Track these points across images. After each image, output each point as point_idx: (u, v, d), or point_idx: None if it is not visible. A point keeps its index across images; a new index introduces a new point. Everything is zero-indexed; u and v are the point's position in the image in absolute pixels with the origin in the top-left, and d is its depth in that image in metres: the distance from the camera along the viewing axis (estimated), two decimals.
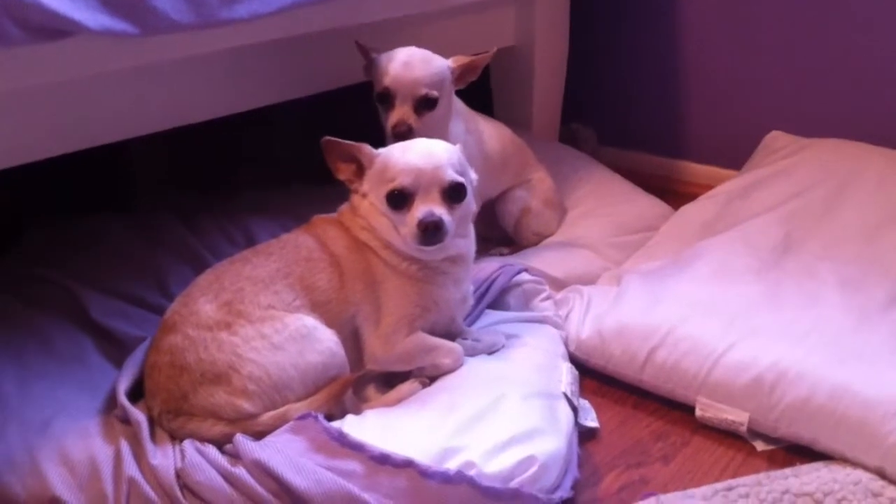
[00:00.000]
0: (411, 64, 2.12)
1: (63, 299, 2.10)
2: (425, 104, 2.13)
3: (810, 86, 2.89)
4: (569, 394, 1.83)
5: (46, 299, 2.10)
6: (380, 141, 2.14)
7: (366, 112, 2.23)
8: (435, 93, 2.13)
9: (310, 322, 1.72)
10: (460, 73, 2.21)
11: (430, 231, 1.73)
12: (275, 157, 3.02)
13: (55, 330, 1.99)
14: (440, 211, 1.74)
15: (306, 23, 2.15)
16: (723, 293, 2.13)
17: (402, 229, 1.77)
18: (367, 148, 1.84)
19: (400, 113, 2.11)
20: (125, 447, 1.61)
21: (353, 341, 1.81)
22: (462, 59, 2.21)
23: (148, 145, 2.08)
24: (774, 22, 2.90)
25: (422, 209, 1.74)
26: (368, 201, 1.84)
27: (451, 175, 1.77)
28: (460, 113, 2.32)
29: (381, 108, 2.16)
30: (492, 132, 2.48)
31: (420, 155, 1.78)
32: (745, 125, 3.02)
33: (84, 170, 1.96)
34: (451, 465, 1.53)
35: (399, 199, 1.76)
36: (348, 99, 2.36)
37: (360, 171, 1.86)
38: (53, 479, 1.55)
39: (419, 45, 2.21)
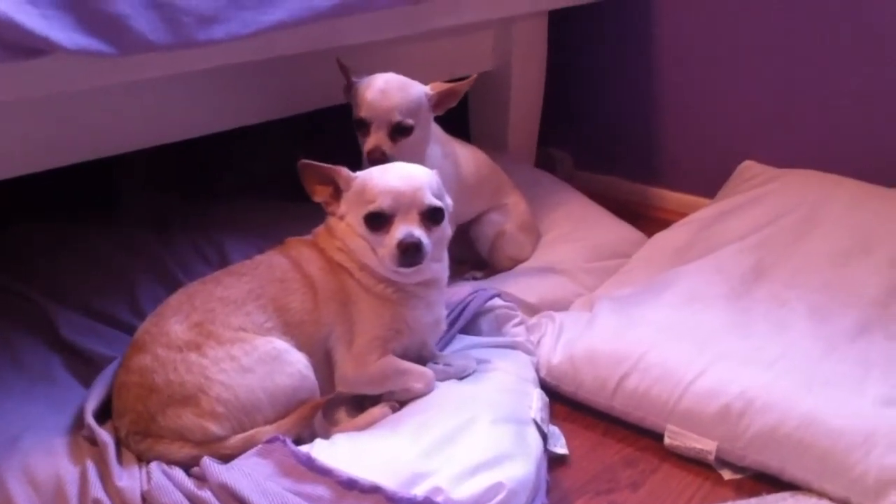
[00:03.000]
0: (387, 91, 2.13)
1: (33, 315, 2.09)
2: (400, 131, 2.14)
3: (784, 117, 2.93)
4: (538, 420, 1.83)
5: (16, 313, 2.09)
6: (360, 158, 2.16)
7: (348, 129, 2.23)
8: (410, 121, 2.14)
9: (280, 345, 1.72)
10: (438, 100, 2.22)
11: (410, 252, 1.73)
12: (256, 169, 3.02)
13: (24, 346, 1.98)
14: (419, 232, 1.75)
15: (285, 45, 2.16)
16: (693, 320, 2.14)
17: (380, 251, 1.78)
18: (344, 170, 1.85)
19: (375, 139, 2.13)
20: (91, 468, 1.59)
21: (325, 364, 1.81)
22: (441, 86, 2.22)
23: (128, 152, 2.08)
24: (751, 53, 2.94)
25: (402, 229, 1.74)
26: (345, 223, 1.84)
27: (430, 198, 1.78)
28: (437, 138, 2.33)
29: (359, 133, 2.17)
30: (467, 156, 2.49)
31: (399, 177, 1.79)
32: (719, 154, 3.05)
33: (62, 174, 1.96)
34: (420, 490, 1.53)
35: (378, 221, 1.77)
36: (331, 115, 2.36)
37: (338, 193, 1.86)
38: (18, 498, 1.54)
39: (398, 68, 2.22)
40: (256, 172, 3.01)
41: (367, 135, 2.15)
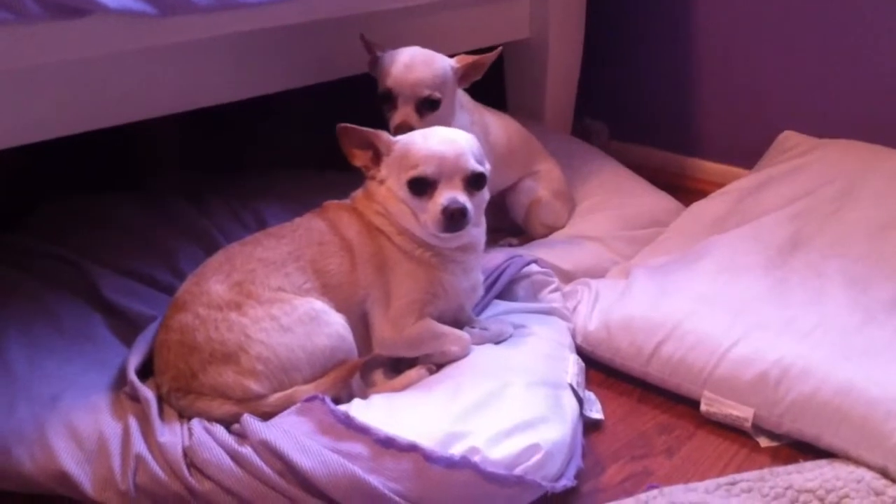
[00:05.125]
0: (413, 65, 2.12)
1: (74, 276, 2.12)
2: (428, 105, 2.13)
3: (823, 87, 2.89)
4: (575, 385, 1.84)
5: (57, 276, 2.12)
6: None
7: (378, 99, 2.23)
8: (437, 94, 2.14)
9: (319, 305, 1.74)
10: (464, 73, 2.21)
11: (455, 218, 1.74)
12: (286, 140, 3.03)
13: (66, 307, 2.01)
14: (463, 198, 1.75)
15: (321, 9, 2.16)
16: (730, 289, 2.13)
17: (422, 216, 1.78)
18: (384, 135, 1.85)
19: (402, 114, 2.12)
20: (133, 424, 1.62)
21: (362, 326, 1.83)
22: (466, 59, 2.21)
23: (158, 123, 2.09)
24: (790, 22, 2.90)
25: (446, 196, 1.75)
26: (386, 187, 1.85)
27: (473, 163, 1.78)
28: (465, 106, 2.32)
29: (384, 106, 2.17)
30: (497, 124, 2.48)
31: (442, 142, 1.79)
32: (757, 124, 3.02)
33: (93, 146, 1.97)
34: (456, 450, 1.54)
35: (421, 186, 1.77)
36: (360, 84, 2.36)
37: (377, 157, 1.87)
38: (62, 454, 1.56)
39: (434, 35, 2.22)
40: (286, 145, 3.02)
41: (393, 109, 2.14)
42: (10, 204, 2.50)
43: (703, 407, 1.90)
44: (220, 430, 1.60)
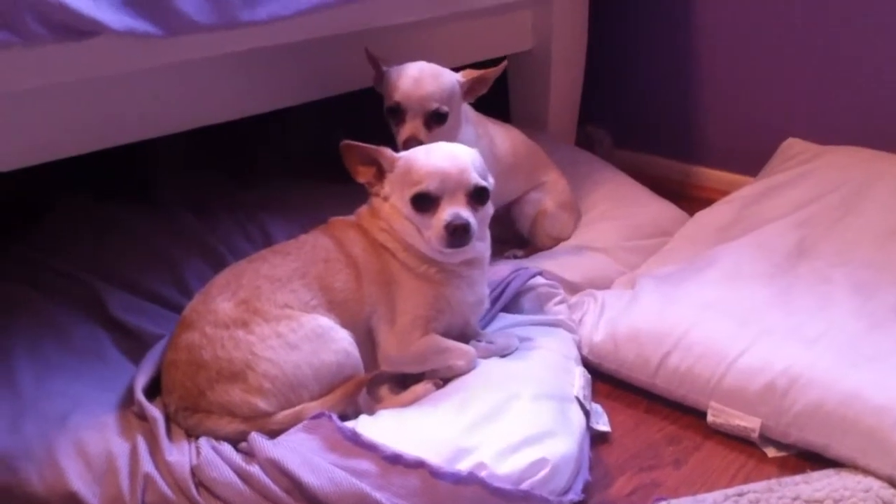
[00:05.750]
0: (421, 80, 2.13)
1: (82, 293, 2.12)
2: (436, 119, 2.14)
3: (827, 93, 2.89)
4: (581, 397, 1.84)
5: (65, 292, 2.13)
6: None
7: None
8: (445, 108, 2.15)
9: (325, 322, 1.74)
10: (469, 87, 2.22)
11: (459, 233, 1.75)
12: (294, 149, 3.04)
13: (73, 324, 2.02)
14: (466, 213, 1.75)
15: (324, 26, 2.17)
16: (736, 298, 2.13)
17: (426, 232, 1.79)
18: (387, 151, 1.86)
19: (411, 128, 2.13)
20: (141, 443, 1.63)
21: (368, 342, 1.83)
22: (472, 73, 2.22)
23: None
24: (792, 29, 2.90)
25: (449, 212, 1.75)
26: (390, 204, 1.85)
27: (476, 178, 1.79)
28: (469, 119, 2.33)
29: (392, 121, 2.18)
30: (502, 135, 2.48)
31: (445, 158, 1.80)
32: (761, 132, 3.02)
33: (101, 153, 1.99)
34: (463, 465, 1.54)
35: (425, 202, 1.78)
36: (369, 95, 2.37)
37: (381, 173, 1.87)
38: (70, 474, 1.57)
39: (437, 48, 2.23)
40: (295, 152, 3.03)
41: (400, 123, 2.15)
42: (17, 210, 2.51)
43: (709, 418, 1.90)
44: (227, 448, 1.60)
